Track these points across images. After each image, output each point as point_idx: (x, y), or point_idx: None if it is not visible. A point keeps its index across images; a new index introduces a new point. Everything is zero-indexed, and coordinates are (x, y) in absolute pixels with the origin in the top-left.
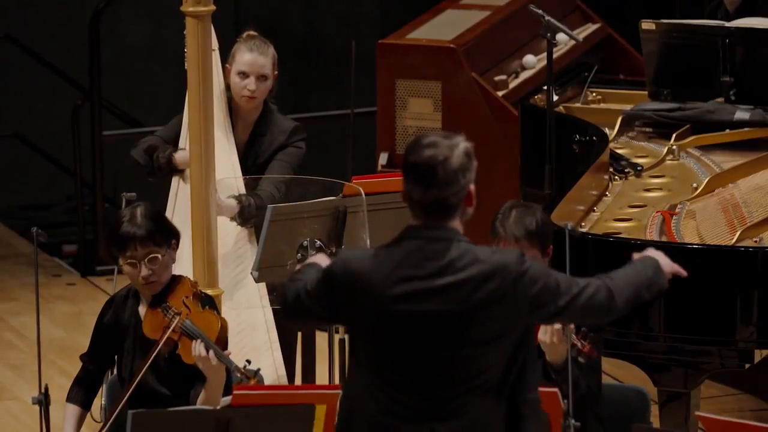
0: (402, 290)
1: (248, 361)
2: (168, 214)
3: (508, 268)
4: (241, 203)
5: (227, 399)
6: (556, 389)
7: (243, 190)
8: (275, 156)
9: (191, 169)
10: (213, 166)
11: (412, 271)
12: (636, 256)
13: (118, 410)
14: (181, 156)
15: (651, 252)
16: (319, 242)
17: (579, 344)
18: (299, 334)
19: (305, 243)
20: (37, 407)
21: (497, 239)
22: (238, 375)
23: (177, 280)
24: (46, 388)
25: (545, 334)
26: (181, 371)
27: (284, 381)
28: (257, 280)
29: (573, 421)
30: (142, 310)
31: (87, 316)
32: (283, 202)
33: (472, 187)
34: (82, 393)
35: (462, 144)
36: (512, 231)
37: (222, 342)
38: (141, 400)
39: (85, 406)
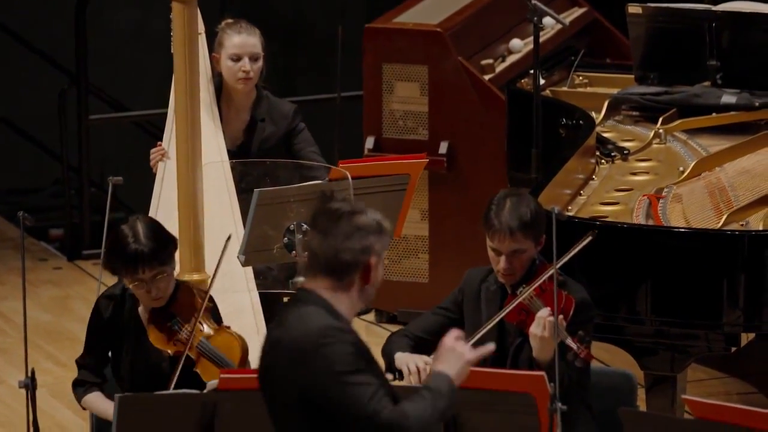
0: (265, 345)
1: None
2: (154, 198)
3: (305, 342)
4: None
5: (214, 383)
6: (542, 373)
7: (229, 174)
8: (295, 143)
9: (177, 153)
10: (199, 150)
11: (273, 328)
12: (433, 368)
13: None
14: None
15: (444, 358)
16: (305, 226)
17: (576, 347)
18: None
19: (291, 227)
20: (23, 391)
21: (491, 232)
22: None
23: (182, 288)
24: (33, 372)
25: (538, 327)
26: (187, 382)
27: None
28: (244, 264)
29: (560, 404)
30: (142, 310)
31: (74, 301)
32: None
33: (373, 258)
34: (90, 381)
35: (379, 216)
36: (507, 223)
37: (243, 363)
38: None
39: (102, 389)
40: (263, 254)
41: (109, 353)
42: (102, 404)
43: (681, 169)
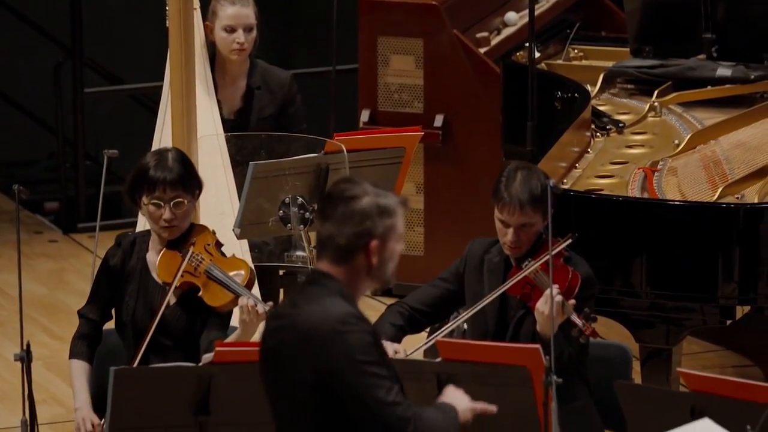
0: (272, 324)
1: None
2: None
3: (322, 328)
4: None
5: (209, 356)
6: (537, 345)
7: (224, 148)
8: (289, 113)
9: (173, 126)
10: (195, 123)
11: (280, 308)
12: (440, 400)
13: (137, 360)
14: None
15: (450, 396)
16: (300, 199)
17: (581, 324)
18: (281, 290)
19: (287, 200)
20: (19, 364)
21: (501, 204)
22: None
23: (196, 228)
24: (28, 345)
25: (544, 305)
26: (188, 322)
27: None
28: (239, 237)
29: (555, 377)
30: (150, 257)
31: (69, 273)
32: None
33: (374, 242)
34: (85, 347)
35: (387, 198)
36: (517, 196)
37: (250, 287)
38: (146, 354)
39: (90, 360)
40: (259, 227)
41: (112, 310)
42: (73, 376)
43: (676, 142)
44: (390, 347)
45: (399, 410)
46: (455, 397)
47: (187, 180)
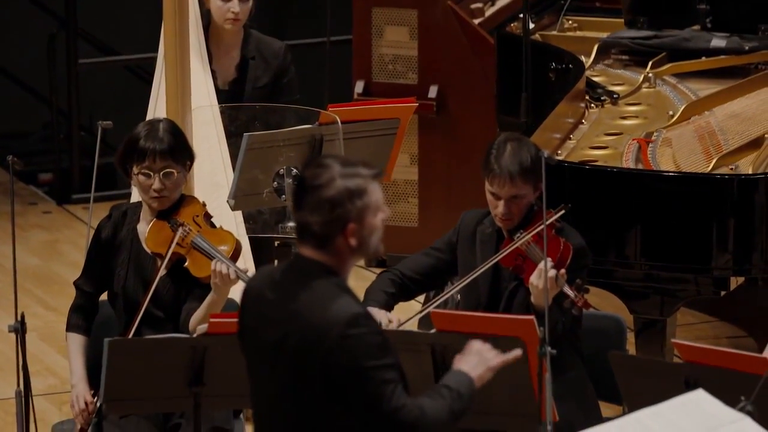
0: (256, 309)
1: None
2: None
3: (329, 331)
4: None
5: (204, 327)
6: (532, 317)
7: (219, 119)
8: (283, 83)
9: (167, 97)
10: (189, 94)
11: (269, 292)
12: (455, 367)
13: (134, 331)
14: None
15: (467, 360)
16: (295, 170)
17: (573, 296)
18: (275, 262)
19: (281, 171)
20: (13, 335)
21: (491, 176)
22: None
23: (186, 199)
24: (23, 317)
25: (538, 278)
26: (175, 293)
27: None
28: (233, 208)
29: (549, 349)
30: (141, 227)
31: (63, 245)
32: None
33: (350, 225)
34: (81, 319)
35: (356, 179)
36: (507, 168)
37: (235, 259)
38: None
39: (87, 332)
40: (253, 198)
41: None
42: (70, 350)
43: (671, 113)
44: (384, 316)
45: (402, 415)
46: (473, 362)
47: (177, 151)
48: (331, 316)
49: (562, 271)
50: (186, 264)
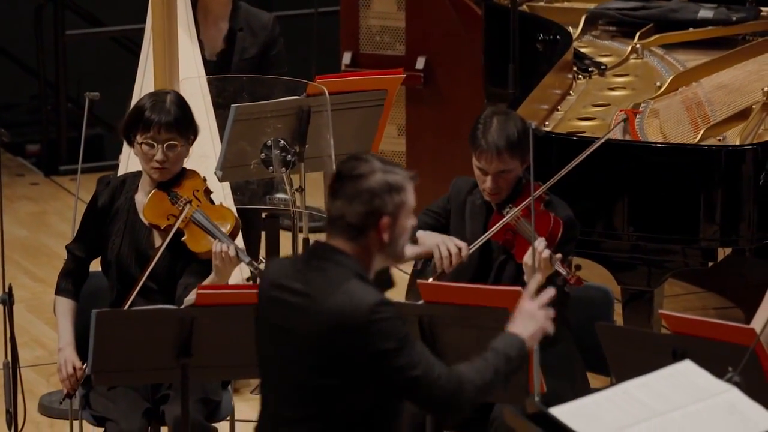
0: (278, 295)
1: (262, 259)
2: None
3: (354, 316)
4: None
5: (191, 298)
6: (520, 288)
7: (206, 90)
8: (271, 56)
9: (155, 68)
10: (177, 65)
11: (286, 280)
12: (500, 337)
13: (130, 302)
14: None
15: (518, 323)
16: (282, 142)
17: (565, 273)
18: (263, 233)
19: (269, 142)
20: (1, 307)
21: (478, 151)
22: (252, 270)
23: (187, 173)
24: (10, 288)
25: (531, 258)
26: (170, 266)
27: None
28: (221, 180)
29: None
30: (139, 197)
31: (50, 216)
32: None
33: (384, 219)
34: (71, 284)
35: (395, 176)
36: (494, 143)
37: (234, 237)
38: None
39: (76, 297)
40: (240, 170)
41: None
42: (58, 314)
43: (658, 84)
44: (452, 243)
45: (440, 387)
46: (525, 323)
47: (183, 124)
48: (354, 304)
49: (559, 255)
50: (184, 238)
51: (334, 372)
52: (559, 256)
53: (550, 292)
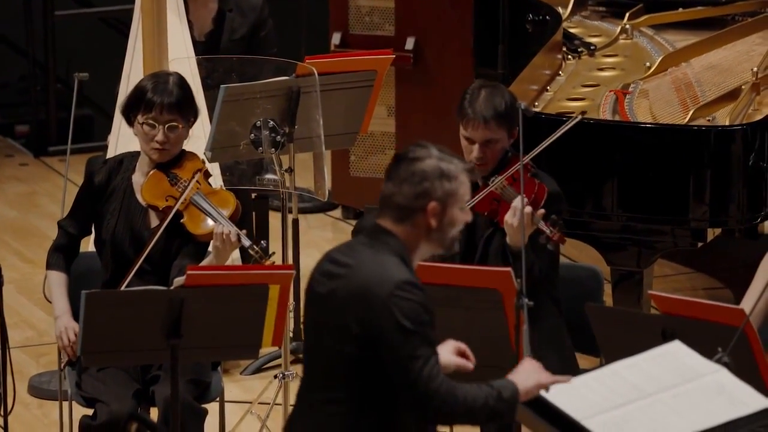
0: (327, 268)
1: (264, 242)
2: (121, 96)
3: (380, 287)
4: None
5: (180, 279)
6: (509, 268)
7: (196, 70)
8: (260, 37)
9: (144, 49)
10: (166, 45)
11: (338, 254)
12: (499, 380)
13: (126, 283)
14: None
15: (520, 372)
16: (272, 122)
17: (548, 231)
18: (253, 214)
19: (258, 123)
20: None
21: (465, 120)
22: (253, 254)
23: (187, 155)
24: (0, 268)
25: (513, 216)
26: (165, 248)
27: (238, 262)
28: (210, 160)
29: (526, 300)
30: (136, 178)
31: (40, 197)
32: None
33: (432, 203)
34: (62, 259)
35: (451, 165)
36: (481, 112)
37: (234, 221)
38: (123, 274)
39: (67, 271)
40: (230, 150)
41: (92, 226)
42: (51, 284)
43: (647, 64)
44: None
45: (433, 385)
46: (524, 375)
47: (184, 105)
48: (383, 277)
49: (541, 211)
50: (183, 220)
51: (353, 339)
52: (541, 212)
53: (565, 378)
